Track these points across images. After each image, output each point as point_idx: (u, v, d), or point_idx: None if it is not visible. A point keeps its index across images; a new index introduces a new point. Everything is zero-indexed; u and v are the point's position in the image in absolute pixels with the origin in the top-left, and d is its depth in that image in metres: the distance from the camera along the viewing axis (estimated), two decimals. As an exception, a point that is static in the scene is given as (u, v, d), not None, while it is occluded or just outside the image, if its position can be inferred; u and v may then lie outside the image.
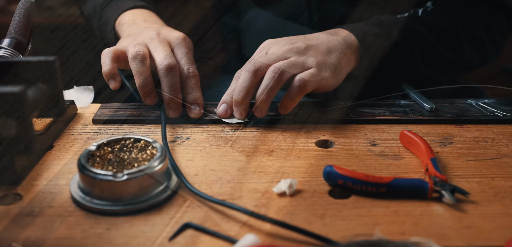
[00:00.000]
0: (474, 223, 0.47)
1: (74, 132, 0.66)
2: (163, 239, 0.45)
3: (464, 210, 0.49)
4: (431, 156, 0.55)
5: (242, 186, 0.53)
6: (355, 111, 0.70)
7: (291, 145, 0.62)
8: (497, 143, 0.62)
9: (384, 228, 0.47)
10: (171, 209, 0.49)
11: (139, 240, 0.45)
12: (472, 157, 0.59)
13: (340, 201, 0.51)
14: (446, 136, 0.64)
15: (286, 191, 0.52)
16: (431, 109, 0.69)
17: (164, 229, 0.46)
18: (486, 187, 0.53)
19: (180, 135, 0.65)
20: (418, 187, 0.51)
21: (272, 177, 0.55)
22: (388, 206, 0.50)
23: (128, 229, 0.46)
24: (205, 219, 0.48)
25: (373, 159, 0.59)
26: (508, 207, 0.50)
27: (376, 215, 0.48)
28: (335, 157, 0.59)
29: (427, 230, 0.46)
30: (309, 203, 0.50)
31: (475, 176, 0.55)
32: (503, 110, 0.70)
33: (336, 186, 0.53)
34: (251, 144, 0.62)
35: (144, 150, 0.54)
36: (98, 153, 0.53)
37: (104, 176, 0.48)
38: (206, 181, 0.54)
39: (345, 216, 0.48)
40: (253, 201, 0.50)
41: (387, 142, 0.63)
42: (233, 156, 0.59)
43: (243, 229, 0.46)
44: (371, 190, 0.51)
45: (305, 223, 0.47)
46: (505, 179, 0.54)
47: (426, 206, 0.50)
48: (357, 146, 0.62)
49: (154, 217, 0.48)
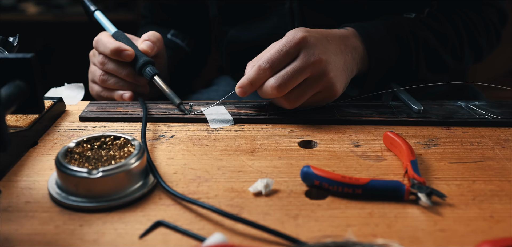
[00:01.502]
0: (448, 227, 0.47)
1: (60, 129, 0.66)
2: (133, 236, 0.45)
3: (440, 213, 0.48)
4: (411, 158, 0.55)
5: (219, 185, 0.53)
6: (342, 112, 0.70)
7: (274, 145, 0.62)
8: (483, 146, 0.62)
9: (356, 230, 0.46)
10: (146, 207, 0.50)
11: (110, 237, 0.45)
12: (455, 159, 0.58)
13: (316, 202, 0.50)
14: (432, 138, 0.64)
15: (262, 191, 0.51)
16: (419, 111, 0.69)
17: (136, 227, 0.47)
18: (466, 190, 0.52)
19: (164, 134, 0.65)
20: (395, 189, 0.51)
21: (251, 177, 0.55)
22: (363, 208, 0.49)
23: (101, 226, 0.47)
24: (178, 217, 0.48)
25: (354, 160, 0.58)
26: (485, 211, 0.49)
27: (350, 216, 0.48)
28: (317, 158, 0.59)
29: (399, 232, 0.46)
30: (284, 203, 0.50)
31: (456, 179, 0.54)
32: (493, 112, 0.69)
33: (313, 187, 0.53)
34: (234, 143, 0.62)
35: (123, 147, 0.54)
36: (77, 150, 0.53)
37: (79, 173, 0.49)
38: (184, 179, 0.54)
39: (319, 217, 0.48)
40: (228, 201, 0.50)
41: (371, 143, 0.62)
42: (214, 155, 0.59)
43: (215, 228, 0.46)
44: (347, 192, 0.51)
45: (278, 223, 0.47)
46: (486, 183, 0.54)
47: (401, 209, 0.49)
48: (340, 147, 0.61)
49: (128, 214, 0.48)
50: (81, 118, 0.69)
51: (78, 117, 0.69)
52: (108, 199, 0.49)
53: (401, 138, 0.59)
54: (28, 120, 0.63)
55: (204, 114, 0.68)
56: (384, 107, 0.71)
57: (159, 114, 0.69)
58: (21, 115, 0.64)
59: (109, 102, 0.73)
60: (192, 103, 0.72)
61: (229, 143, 0.62)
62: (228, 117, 0.68)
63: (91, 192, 0.49)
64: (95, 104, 0.72)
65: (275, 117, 0.68)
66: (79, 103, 0.74)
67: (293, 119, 0.68)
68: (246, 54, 0.91)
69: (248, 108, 0.71)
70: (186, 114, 0.68)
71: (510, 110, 0.70)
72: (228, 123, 0.67)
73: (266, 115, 0.68)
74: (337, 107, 0.71)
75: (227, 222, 0.47)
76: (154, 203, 0.50)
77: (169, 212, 0.49)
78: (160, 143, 0.62)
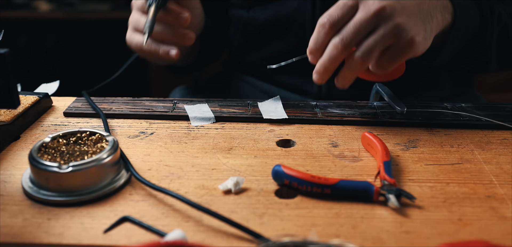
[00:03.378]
0: (414, 229, 0.46)
1: (44, 124, 0.67)
2: (98, 231, 0.46)
3: (408, 214, 0.48)
4: (385, 159, 0.54)
5: (191, 182, 0.54)
6: (325, 111, 0.69)
7: (252, 144, 0.62)
8: (463, 148, 0.61)
9: (320, 230, 0.46)
10: (115, 202, 0.50)
11: (76, 231, 0.46)
12: (432, 161, 0.58)
13: (284, 201, 0.50)
14: (412, 140, 0.63)
15: (231, 189, 0.52)
16: (402, 112, 0.68)
17: (102, 221, 0.47)
18: (438, 192, 0.52)
19: (145, 130, 0.65)
20: (364, 190, 0.50)
21: (224, 175, 0.55)
22: (331, 208, 0.49)
23: (68, 220, 0.47)
24: (145, 213, 0.48)
25: (330, 160, 0.58)
26: (454, 213, 0.48)
27: (317, 216, 0.48)
28: (292, 157, 0.59)
29: (363, 233, 0.46)
30: (252, 202, 0.50)
31: (430, 181, 0.54)
32: (478, 114, 0.68)
33: (283, 186, 0.53)
34: (212, 141, 0.63)
35: (97, 143, 0.55)
36: (52, 145, 0.54)
37: (49, 167, 0.50)
38: (157, 176, 0.55)
39: (285, 216, 0.48)
40: (197, 197, 0.51)
41: (350, 143, 0.62)
42: (191, 152, 0.60)
43: (180, 225, 0.47)
44: (317, 191, 0.51)
45: (243, 221, 0.47)
46: (460, 185, 0.53)
47: (369, 210, 0.49)
48: (317, 146, 0.61)
49: (97, 209, 0.49)
50: (65, 114, 0.70)
51: (62, 113, 0.70)
52: (78, 194, 0.50)
53: (378, 139, 0.58)
54: (11, 115, 0.64)
55: (186, 111, 0.69)
56: (368, 108, 0.71)
57: (143, 111, 0.69)
58: (5, 110, 0.65)
59: (95, 99, 0.74)
60: (176, 100, 0.73)
61: (207, 141, 0.63)
62: (209, 115, 0.68)
63: (61, 186, 0.50)
64: (80, 101, 0.73)
65: (257, 116, 0.68)
66: (65, 99, 0.75)
67: (274, 119, 0.68)
68: (261, 35, 0.91)
69: (231, 107, 0.71)
70: None
71: (496, 112, 0.69)
72: (209, 121, 0.67)
73: (248, 114, 0.68)
74: (321, 106, 0.71)
75: (193, 220, 0.47)
76: (124, 199, 0.51)
77: (137, 208, 0.49)
78: (140, 139, 0.63)
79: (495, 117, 0.67)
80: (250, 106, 0.71)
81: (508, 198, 0.51)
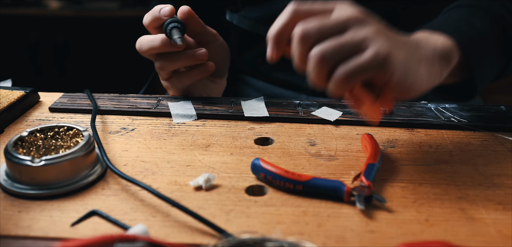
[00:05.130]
0: (379, 228, 0.46)
1: (29, 119, 0.68)
2: (66, 224, 0.47)
3: (375, 214, 0.48)
4: (371, 162, 0.54)
5: (164, 178, 0.54)
6: (307, 110, 0.69)
7: (230, 141, 0.62)
8: (442, 149, 0.60)
9: (285, 228, 0.46)
10: (86, 196, 0.51)
11: (44, 223, 0.47)
12: (408, 162, 0.57)
13: (254, 198, 0.51)
14: (391, 140, 0.63)
15: (202, 185, 0.52)
16: (385, 112, 0.68)
17: (71, 215, 0.48)
18: (409, 192, 0.51)
19: (127, 127, 0.66)
20: (335, 189, 0.50)
21: (198, 171, 0.55)
22: (299, 206, 0.49)
23: (38, 213, 0.48)
24: (114, 207, 0.49)
25: (305, 158, 0.58)
26: (423, 214, 0.48)
27: (284, 214, 0.48)
28: (268, 155, 0.59)
29: (328, 232, 0.46)
30: (221, 198, 0.51)
31: (403, 181, 0.54)
32: (461, 116, 0.67)
33: (260, 180, 0.53)
34: (191, 138, 0.63)
35: (73, 138, 0.55)
36: (29, 139, 0.55)
37: (22, 161, 0.50)
38: (132, 171, 0.55)
39: (252, 213, 0.48)
40: (168, 193, 0.51)
41: (328, 143, 0.62)
42: (168, 149, 0.60)
43: (147, 220, 0.47)
44: (289, 187, 0.51)
45: (209, 217, 0.47)
46: (432, 186, 0.53)
47: (337, 209, 0.49)
48: (295, 145, 0.61)
49: (68, 203, 0.50)
50: (51, 109, 0.71)
51: (48, 108, 0.71)
52: (50, 187, 0.51)
53: (373, 141, 0.58)
54: (-5, 109, 0.65)
55: (169, 108, 0.69)
56: (350, 107, 0.71)
57: (126, 107, 0.70)
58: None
59: (81, 95, 0.74)
60: (161, 97, 0.73)
61: (186, 137, 0.63)
62: (191, 112, 0.69)
63: (34, 179, 0.51)
64: (67, 96, 0.74)
65: (238, 114, 0.68)
66: (53, 95, 0.76)
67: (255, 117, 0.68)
68: (253, 34, 0.91)
69: (214, 104, 0.71)
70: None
71: (480, 114, 0.68)
72: (191, 118, 0.68)
73: (230, 111, 0.69)
74: (304, 105, 0.71)
75: (161, 215, 0.48)
76: (96, 193, 0.51)
77: (108, 202, 0.50)
78: (120, 135, 0.64)
79: (478, 119, 0.66)
80: (233, 104, 0.71)
81: (479, 200, 0.50)
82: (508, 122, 0.66)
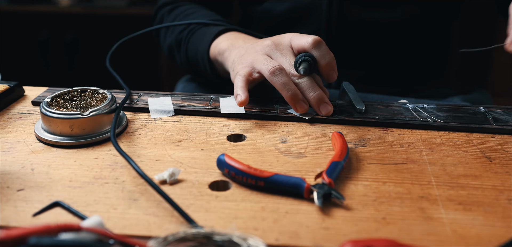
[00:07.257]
0: (335, 225, 0.46)
1: (11, 112, 0.70)
2: (29, 214, 0.48)
3: (333, 212, 0.48)
4: (335, 159, 0.54)
5: (132, 172, 0.55)
6: (283, 108, 0.70)
7: (203, 137, 0.63)
8: (413, 149, 0.60)
9: (241, 223, 0.47)
10: (53, 188, 0.52)
11: (7, 213, 0.48)
12: (376, 161, 0.58)
13: (216, 193, 0.51)
14: (364, 138, 0.63)
15: (166, 179, 0.53)
16: (361, 111, 0.68)
17: (35, 206, 0.49)
18: (371, 191, 0.52)
19: (104, 121, 0.67)
20: (295, 186, 0.51)
21: (166, 166, 0.56)
22: (259, 202, 0.50)
23: (4, 203, 0.49)
24: (78, 199, 0.50)
25: (274, 155, 0.59)
26: (380, 212, 0.48)
27: (242, 209, 0.49)
28: (238, 152, 0.60)
29: (282, 228, 0.46)
30: (183, 192, 0.51)
31: (367, 180, 0.54)
32: (437, 116, 0.67)
33: (224, 175, 0.54)
34: (165, 133, 0.64)
35: (93, 96, 0.60)
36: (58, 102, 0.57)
37: (73, 115, 0.52)
38: (101, 165, 0.56)
39: (211, 208, 0.49)
40: (132, 186, 0.52)
41: (299, 140, 0.62)
42: (140, 144, 0.61)
43: (108, 212, 0.48)
44: (251, 183, 0.52)
45: (168, 211, 0.48)
46: (396, 185, 0.53)
47: (296, 205, 0.49)
48: (266, 142, 0.62)
49: (34, 194, 0.51)
50: (33, 102, 0.72)
51: (31, 101, 0.73)
52: (92, 136, 0.59)
53: (342, 140, 0.58)
54: (-23, 102, 0.67)
55: (148, 103, 0.70)
56: (328, 106, 0.71)
57: (106, 103, 0.71)
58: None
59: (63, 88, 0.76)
60: (142, 93, 0.75)
61: (160, 133, 0.64)
62: (169, 108, 0.69)
63: (84, 130, 0.59)
64: (51, 90, 0.75)
65: (216, 110, 0.69)
66: (39, 89, 0.78)
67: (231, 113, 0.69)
68: (277, 27, 0.92)
69: (193, 100, 0.72)
70: None
71: (456, 114, 0.68)
72: (168, 114, 0.69)
73: (208, 108, 0.69)
74: (282, 103, 0.71)
75: (121, 208, 0.49)
76: (63, 185, 0.52)
77: (73, 194, 0.51)
78: (96, 129, 0.65)
79: (455, 119, 0.66)
80: (211, 101, 0.72)
81: (441, 200, 0.50)
82: (485, 123, 0.65)
